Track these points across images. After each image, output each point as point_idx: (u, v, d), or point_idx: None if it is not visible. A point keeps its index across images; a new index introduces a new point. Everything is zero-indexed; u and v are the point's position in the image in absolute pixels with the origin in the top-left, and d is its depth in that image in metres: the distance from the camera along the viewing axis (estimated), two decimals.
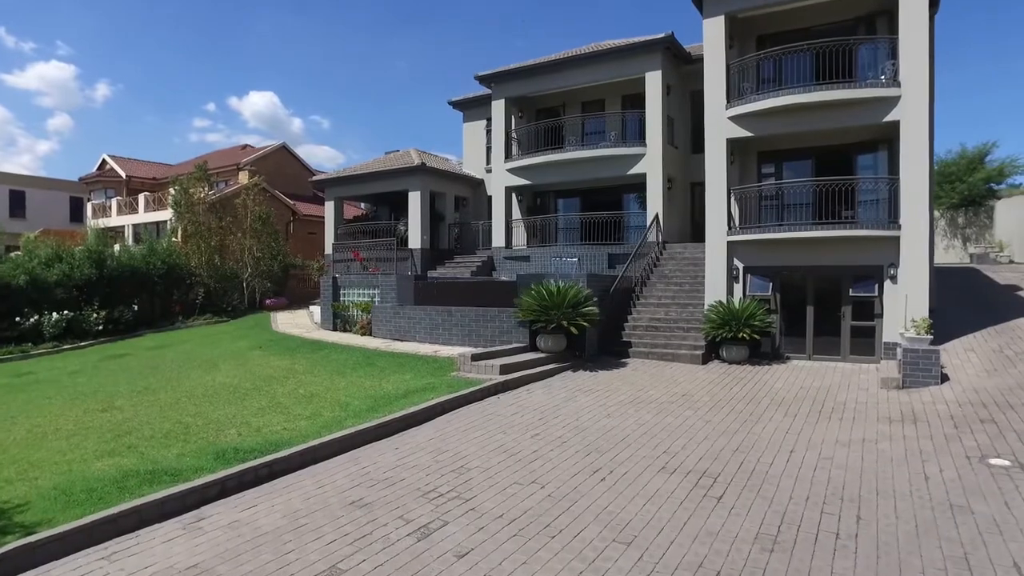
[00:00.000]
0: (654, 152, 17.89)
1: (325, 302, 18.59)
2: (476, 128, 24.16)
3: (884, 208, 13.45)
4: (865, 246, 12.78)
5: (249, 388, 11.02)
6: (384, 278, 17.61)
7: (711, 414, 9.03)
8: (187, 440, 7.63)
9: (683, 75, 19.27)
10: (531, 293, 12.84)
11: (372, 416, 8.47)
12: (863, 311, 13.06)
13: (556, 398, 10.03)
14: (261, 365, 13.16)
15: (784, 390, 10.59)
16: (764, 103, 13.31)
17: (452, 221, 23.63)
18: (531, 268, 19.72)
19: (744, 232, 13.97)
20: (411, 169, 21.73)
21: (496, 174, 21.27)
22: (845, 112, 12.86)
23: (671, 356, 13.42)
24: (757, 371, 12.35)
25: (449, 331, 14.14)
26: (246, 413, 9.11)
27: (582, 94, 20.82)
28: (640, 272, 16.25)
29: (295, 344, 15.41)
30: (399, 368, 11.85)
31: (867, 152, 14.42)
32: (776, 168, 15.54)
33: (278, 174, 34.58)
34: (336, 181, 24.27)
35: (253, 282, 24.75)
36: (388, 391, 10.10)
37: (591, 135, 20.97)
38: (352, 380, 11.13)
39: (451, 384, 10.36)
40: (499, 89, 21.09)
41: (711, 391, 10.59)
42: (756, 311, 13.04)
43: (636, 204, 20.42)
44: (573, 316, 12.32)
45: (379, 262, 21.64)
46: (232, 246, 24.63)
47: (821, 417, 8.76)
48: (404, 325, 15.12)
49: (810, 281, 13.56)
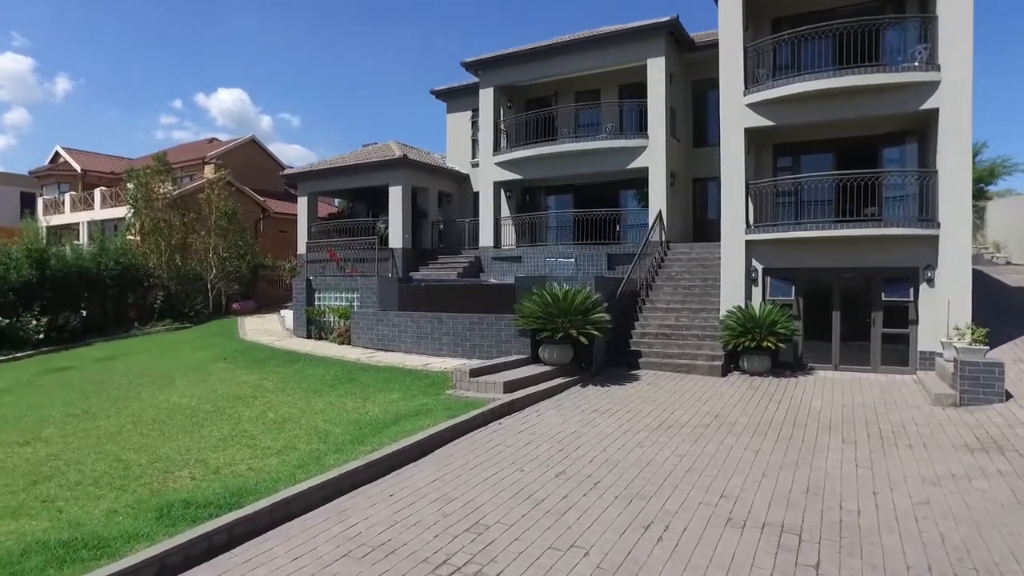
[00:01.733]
0: (657, 144, 16.64)
1: (298, 307, 16.94)
2: (461, 120, 22.67)
3: (913, 205, 12.35)
4: (899, 246, 11.66)
5: (209, 411, 9.41)
6: (364, 280, 16.05)
7: (756, 441, 7.73)
8: (124, 488, 6.04)
9: (685, 64, 18.07)
10: (533, 298, 11.45)
11: (358, 450, 6.99)
12: (896, 317, 11.95)
13: (571, 421, 8.64)
14: (225, 381, 11.52)
15: (825, 408, 9.36)
16: (789, 88, 12.11)
17: (436, 219, 22.11)
18: (523, 269, 18.34)
19: (764, 231, 12.76)
20: (392, 162, 20.15)
21: (484, 168, 19.82)
22: (877, 99, 11.72)
23: (686, 367, 12.14)
24: (785, 385, 11.13)
25: (440, 340, 12.65)
26: (203, 446, 7.53)
27: (576, 83, 19.49)
28: (644, 274, 14.97)
29: (264, 355, 13.76)
30: (385, 385, 10.34)
31: (893, 144, 13.34)
32: (793, 162, 14.40)
33: (247, 169, 32.59)
34: (310, 175, 22.55)
35: (218, 284, 22.87)
36: (375, 415, 8.60)
37: (585, 127, 19.66)
38: (331, 401, 9.60)
39: (448, 406, 8.90)
40: (487, 77, 19.65)
41: (744, 410, 9.31)
42: (780, 318, 11.83)
43: (635, 201, 19.17)
44: (582, 324, 10.95)
45: (357, 263, 20.03)
46: (195, 245, 22.71)
47: (886, 444, 7.52)
48: (388, 333, 13.59)
49: (836, 284, 12.40)
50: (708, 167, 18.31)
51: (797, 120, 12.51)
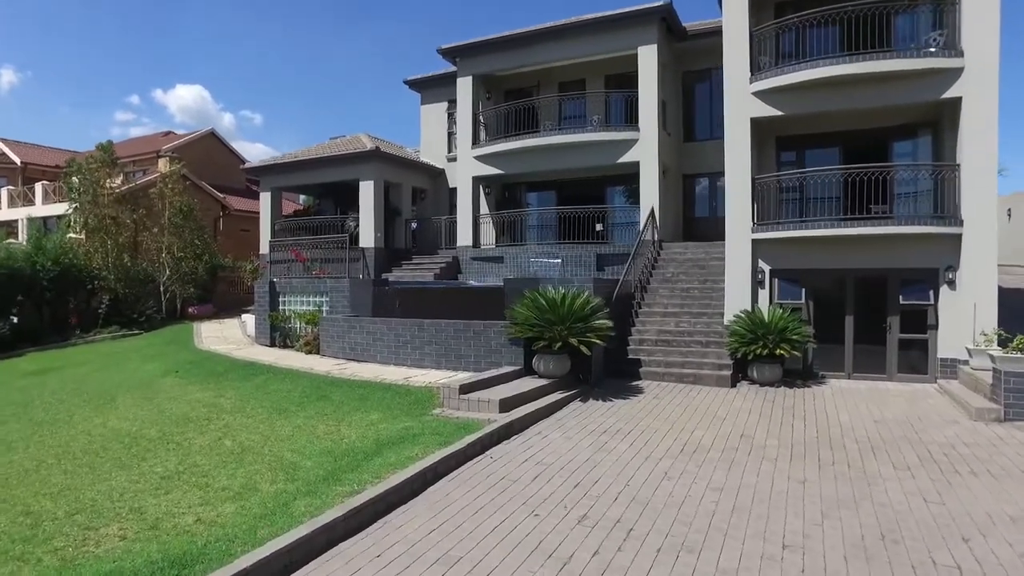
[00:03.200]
0: (648, 137, 15.66)
1: (261, 312, 15.46)
2: (436, 111, 21.40)
3: (929, 201, 11.59)
4: (918, 246, 10.88)
5: (154, 438, 8.00)
6: (334, 283, 14.67)
7: (797, 468, 6.72)
8: (25, 557, 4.67)
9: (676, 54, 17.17)
10: (526, 303, 10.29)
11: (334, 491, 5.73)
12: (913, 322, 11.16)
13: (581, 446, 7.51)
14: (175, 399, 10.06)
15: (857, 425, 8.43)
16: (801, 75, 11.22)
17: (409, 217, 20.78)
18: (505, 270, 17.18)
19: (772, 229, 11.85)
20: (363, 155, 18.76)
21: (462, 162, 18.59)
22: (895, 88, 10.92)
23: (692, 378, 11.15)
24: (801, 396, 10.21)
25: (421, 350, 11.38)
26: (142, 487, 6.17)
27: (560, 73, 18.43)
28: (638, 276, 13.95)
29: (223, 366, 12.28)
30: (362, 404, 9.05)
31: (905, 138, 12.59)
32: (797, 157, 13.57)
33: (206, 164, 30.76)
34: (273, 169, 20.97)
35: (173, 286, 21.06)
36: (352, 443, 7.33)
37: (570, 120, 18.61)
38: (299, 424, 8.27)
39: (438, 429, 7.67)
40: (465, 64, 18.43)
41: (769, 429, 8.32)
42: (792, 323, 10.93)
43: (622, 198, 18.20)
44: (583, 332, 9.83)
45: (325, 263, 18.58)
46: (147, 244, 20.85)
47: (945, 471, 6.58)
48: (361, 341, 12.25)
49: (850, 286, 11.56)
50: (698, 163, 17.47)
51: (808, 110, 11.64)
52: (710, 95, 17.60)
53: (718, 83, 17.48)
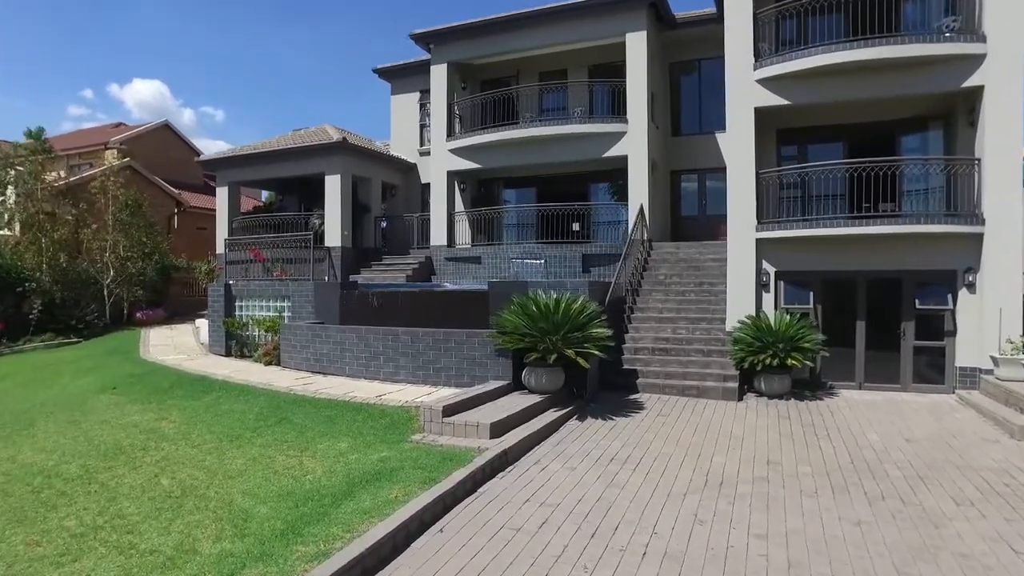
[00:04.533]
0: (638, 129, 14.70)
1: (215, 317, 13.99)
2: (408, 102, 20.12)
3: (942, 198, 10.87)
4: (935, 246, 10.13)
5: (74, 476, 6.63)
6: (297, 286, 13.30)
7: (843, 504, 5.75)
8: None
9: (665, 43, 16.26)
10: (514, 309, 9.18)
11: (294, 551, 4.53)
12: (929, 328, 10.40)
13: (588, 480, 6.42)
14: (108, 423, 8.64)
15: (891, 446, 7.54)
16: (812, 60, 10.35)
17: (379, 214, 19.44)
18: (482, 272, 16.04)
19: (778, 227, 10.97)
20: (329, 147, 17.38)
21: (436, 156, 17.38)
22: (912, 76, 10.14)
23: (695, 390, 10.18)
24: (816, 411, 9.32)
25: (395, 362, 10.14)
26: (42, 554, 4.85)
27: (541, 63, 17.34)
28: (628, 278, 12.96)
29: (168, 381, 10.84)
30: (329, 427, 7.80)
31: (914, 131, 11.86)
32: (799, 151, 12.74)
33: (160, 157, 28.76)
34: (230, 162, 19.39)
35: (118, 289, 19.26)
36: (318, 479, 6.11)
37: (550, 112, 17.56)
38: (255, 455, 7.00)
39: (419, 461, 6.49)
40: (440, 51, 17.22)
41: (795, 452, 7.36)
42: (803, 330, 10.06)
43: (607, 196, 17.22)
44: (580, 342, 8.75)
45: (287, 264, 17.09)
46: (89, 242, 19.02)
47: (1016, 509, 5.67)
48: (328, 352, 10.95)
49: (861, 290, 10.75)
50: (686, 158, 16.61)
51: (817, 99, 10.78)
52: (699, 88, 16.79)
53: (707, 75, 16.75)
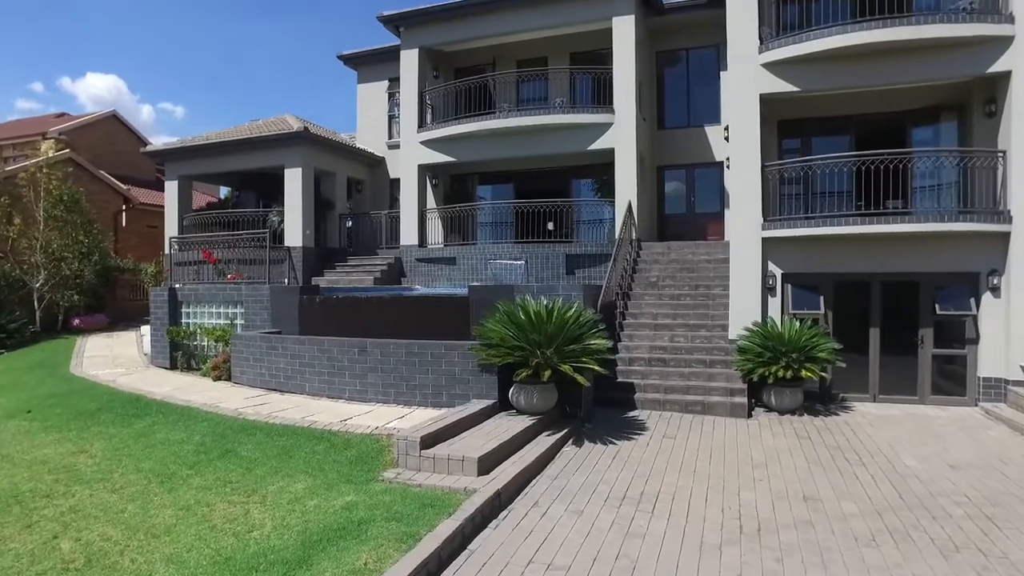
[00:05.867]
0: (625, 120, 13.67)
1: (158, 326, 12.47)
2: (375, 92, 18.76)
3: (957, 195, 10.08)
4: (956, 245, 9.32)
5: None
6: (251, 290, 11.89)
7: (913, 557, 4.75)
8: None
9: (651, 31, 15.27)
10: (500, 318, 8.02)
11: None
12: (949, 335, 9.59)
13: (599, 527, 5.29)
14: (9, 458, 7.18)
15: (935, 474, 6.60)
16: (826, 42, 9.46)
17: (344, 211, 18.05)
18: (457, 273, 14.85)
19: (786, 226, 10.03)
20: (289, 137, 15.94)
21: (406, 148, 16.09)
22: (934, 60, 9.32)
23: (700, 406, 9.16)
24: (836, 429, 8.39)
25: (363, 379, 8.85)
26: None
27: (518, 50, 16.20)
28: (618, 280, 11.91)
29: (97, 402, 9.34)
30: (283, 462, 6.52)
31: (925, 123, 11.07)
32: (803, 144, 11.86)
33: (107, 150, 26.82)
34: (181, 153, 17.74)
35: (51, 293, 17.42)
36: (266, 538, 4.85)
37: (529, 103, 16.43)
38: (189, 502, 5.68)
39: (393, 509, 5.27)
40: (411, 35, 15.94)
41: (832, 483, 6.36)
42: (816, 337, 9.13)
43: (591, 192, 16.19)
44: (578, 355, 7.63)
45: (243, 265, 15.58)
46: (15, 241, 17.13)
47: None
48: (285, 367, 9.61)
49: (875, 294, 9.89)
50: (672, 153, 15.66)
51: (827, 85, 9.90)
52: (687, 79, 15.86)
53: (695, 65, 15.83)
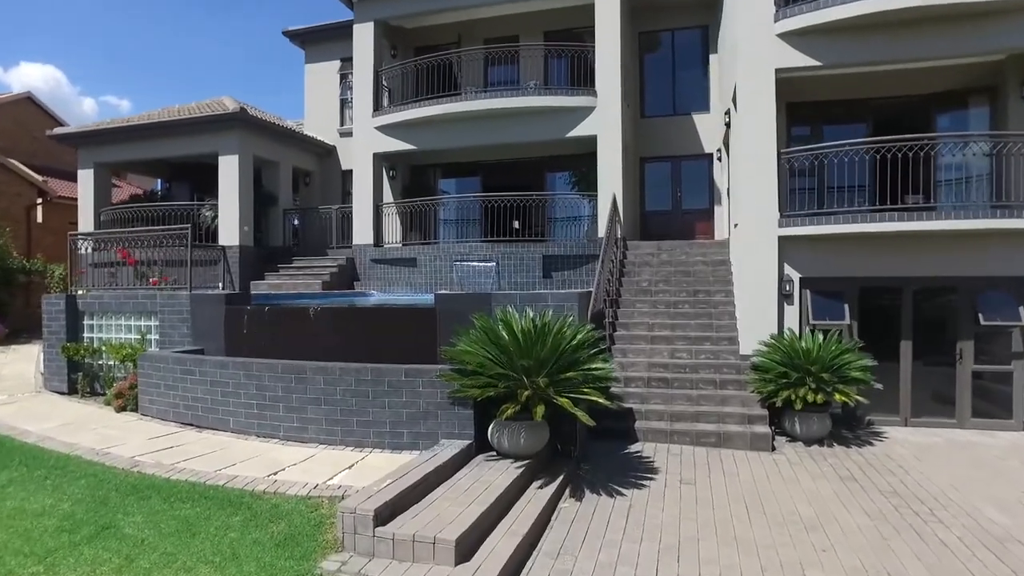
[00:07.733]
0: (609, 104, 12.15)
1: (52, 341, 10.28)
2: (325, 73, 16.79)
3: (984, 189, 8.89)
4: (1005, 245, 8.06)
5: None
6: (167, 298, 9.83)
7: None
8: None
9: (633, 8, 13.78)
10: (477, 336, 6.32)
11: None
12: (992, 348, 8.35)
13: None
14: None
15: None
16: (857, 7, 8.03)
17: (290, 206, 16.02)
18: (418, 277, 13.09)
19: (808, 222, 8.62)
20: (223, 119, 13.86)
21: (360, 135, 14.22)
22: (973, 29, 8.02)
23: (714, 438, 7.65)
24: (877, 464, 6.99)
25: (302, 412, 6.99)
26: None
27: (485, 27, 14.54)
28: (606, 285, 10.35)
29: None
30: (183, 543, 4.66)
31: (951, 108, 9.87)
32: (813, 131, 10.53)
33: (21, 137, 24.13)
34: (98, 136, 15.41)
35: None
36: None
37: (498, 86, 14.74)
38: None
39: None
40: (365, 7, 14.07)
41: (916, 552, 4.89)
42: (848, 353, 7.74)
43: (565, 186, 14.61)
44: (578, 384, 5.99)
45: (169, 267, 13.38)
46: None
47: None
48: (204, 395, 7.65)
49: (907, 302, 8.58)
50: (655, 144, 14.24)
51: (859, 59, 8.54)
52: (672, 63, 14.47)
53: (682, 48, 14.43)
